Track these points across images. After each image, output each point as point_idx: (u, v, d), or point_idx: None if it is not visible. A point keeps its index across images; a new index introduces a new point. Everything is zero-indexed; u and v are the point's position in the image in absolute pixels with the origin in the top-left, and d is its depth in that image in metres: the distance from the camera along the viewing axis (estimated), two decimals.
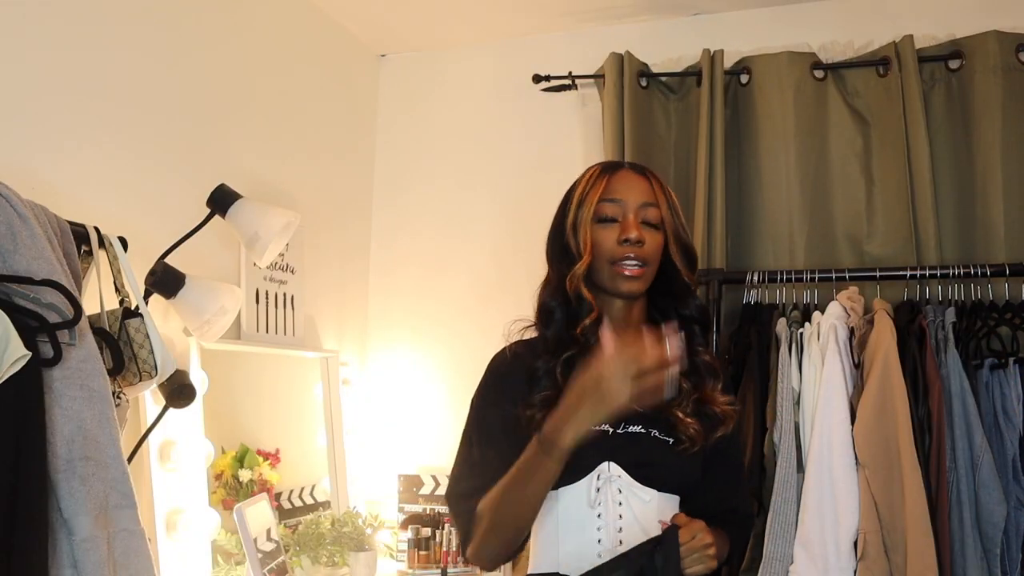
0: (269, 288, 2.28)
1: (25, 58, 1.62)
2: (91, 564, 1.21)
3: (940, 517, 1.86)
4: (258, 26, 2.34)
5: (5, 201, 1.25)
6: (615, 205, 1.38)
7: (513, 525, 1.29)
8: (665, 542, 1.22)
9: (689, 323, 1.42)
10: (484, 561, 1.35)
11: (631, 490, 1.32)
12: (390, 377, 2.81)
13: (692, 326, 1.42)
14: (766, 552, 1.94)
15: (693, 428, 1.34)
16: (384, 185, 2.91)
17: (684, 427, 1.33)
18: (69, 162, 1.71)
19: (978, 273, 2.04)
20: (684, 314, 1.42)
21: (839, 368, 1.94)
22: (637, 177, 1.42)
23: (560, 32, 2.74)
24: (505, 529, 1.29)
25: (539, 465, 1.22)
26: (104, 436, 1.28)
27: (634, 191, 1.39)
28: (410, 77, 2.92)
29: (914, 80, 2.24)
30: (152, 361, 1.50)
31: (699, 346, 1.42)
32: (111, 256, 1.53)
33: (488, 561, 1.34)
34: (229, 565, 1.94)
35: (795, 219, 2.36)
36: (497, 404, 1.38)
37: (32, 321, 1.19)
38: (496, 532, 1.29)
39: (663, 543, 1.22)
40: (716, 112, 2.38)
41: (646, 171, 1.45)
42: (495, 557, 1.34)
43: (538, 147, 2.72)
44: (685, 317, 1.42)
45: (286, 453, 2.28)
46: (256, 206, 1.93)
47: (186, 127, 2.04)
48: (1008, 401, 1.91)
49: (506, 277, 2.65)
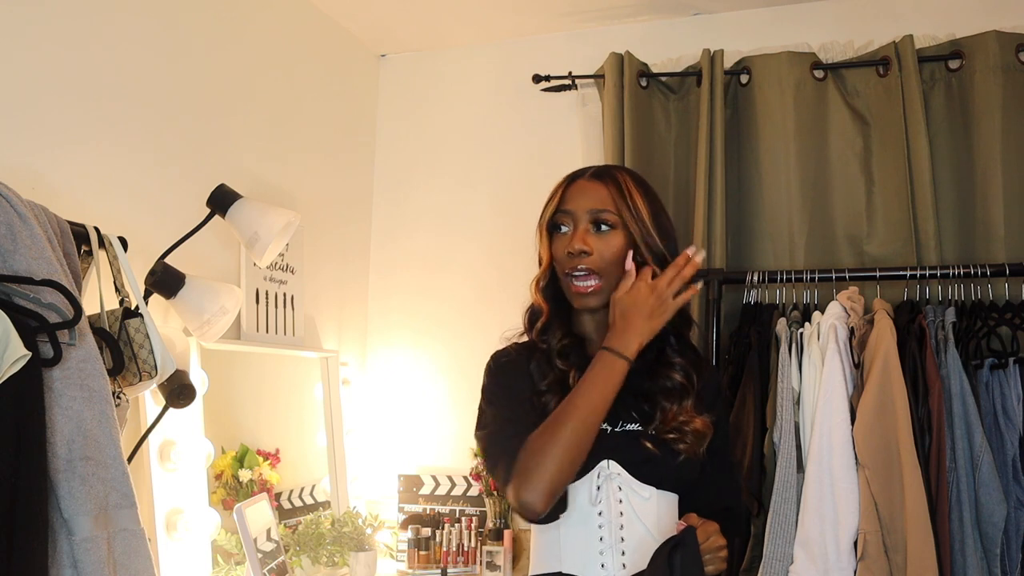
0: (269, 288, 2.28)
1: (25, 58, 1.62)
2: (91, 564, 1.21)
3: (940, 517, 1.86)
4: (258, 26, 2.34)
5: (5, 201, 1.25)
6: (566, 215, 1.39)
7: (576, 443, 1.25)
8: (685, 543, 1.23)
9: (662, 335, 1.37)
10: (537, 493, 1.22)
11: (631, 487, 1.33)
12: (390, 377, 2.81)
13: (665, 335, 1.38)
14: (766, 552, 1.94)
15: (683, 442, 1.34)
16: (384, 185, 2.91)
17: (674, 439, 1.34)
18: (69, 162, 1.71)
19: (978, 273, 2.03)
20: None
21: (839, 368, 1.94)
22: (594, 184, 1.39)
23: (560, 32, 2.74)
24: (568, 449, 1.24)
25: (607, 370, 1.29)
26: (104, 436, 1.28)
27: (584, 199, 1.38)
28: (410, 77, 2.92)
29: (914, 80, 2.24)
30: (152, 361, 1.50)
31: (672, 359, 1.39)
32: (111, 256, 1.53)
33: (540, 493, 1.23)
34: (229, 565, 1.94)
35: (795, 219, 2.36)
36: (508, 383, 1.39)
37: (32, 321, 1.19)
38: (555, 455, 1.23)
39: (683, 544, 1.23)
40: (716, 112, 2.38)
41: (607, 176, 1.40)
42: (548, 488, 1.23)
43: (538, 147, 2.72)
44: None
45: (286, 453, 2.28)
46: (256, 206, 1.93)
47: (186, 127, 2.04)
48: (1008, 401, 1.91)
49: (506, 277, 2.65)
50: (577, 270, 1.36)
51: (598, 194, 1.38)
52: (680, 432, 1.34)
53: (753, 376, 2.09)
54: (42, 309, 1.21)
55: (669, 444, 1.34)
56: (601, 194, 1.38)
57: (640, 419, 1.36)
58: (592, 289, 1.36)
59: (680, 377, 1.38)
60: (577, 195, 1.39)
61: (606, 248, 1.36)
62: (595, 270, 1.36)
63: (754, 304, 2.22)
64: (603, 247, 1.36)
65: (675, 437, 1.34)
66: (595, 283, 1.36)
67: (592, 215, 1.37)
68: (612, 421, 1.34)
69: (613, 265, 1.36)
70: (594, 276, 1.36)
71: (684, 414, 1.35)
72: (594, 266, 1.35)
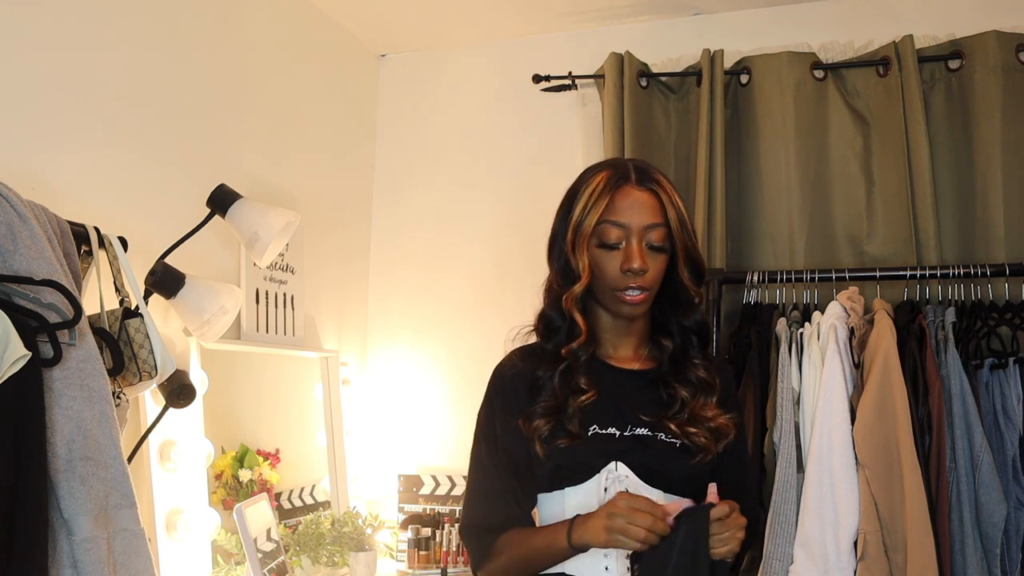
0: (269, 288, 2.28)
1: (25, 58, 1.62)
2: (91, 564, 1.21)
3: (940, 517, 1.86)
4: (258, 26, 2.34)
5: (5, 201, 1.25)
6: (619, 230, 1.33)
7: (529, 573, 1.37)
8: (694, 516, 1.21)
9: (687, 334, 1.42)
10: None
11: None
12: (390, 377, 2.81)
13: (690, 336, 1.42)
14: (766, 552, 1.94)
15: (703, 437, 1.34)
16: (384, 185, 2.91)
17: (692, 436, 1.34)
18: (69, 162, 1.71)
19: (978, 273, 2.04)
20: (684, 325, 1.42)
21: (839, 368, 1.94)
22: (643, 193, 1.35)
23: (560, 32, 2.74)
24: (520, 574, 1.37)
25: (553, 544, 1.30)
26: (104, 436, 1.28)
27: (639, 212, 1.33)
28: (410, 77, 2.92)
29: (914, 80, 2.24)
30: (152, 361, 1.50)
31: (695, 359, 1.41)
32: (111, 256, 1.53)
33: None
34: (229, 565, 1.94)
35: (795, 219, 2.36)
36: (506, 412, 1.39)
37: (32, 321, 1.19)
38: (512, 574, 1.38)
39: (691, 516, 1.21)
40: (716, 112, 2.38)
41: (653, 181, 1.37)
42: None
43: (538, 147, 2.72)
44: (685, 328, 1.42)
45: (286, 453, 2.28)
46: (256, 206, 1.93)
47: (186, 127, 2.04)
48: (1008, 401, 1.91)
49: (506, 277, 2.66)
50: (631, 289, 1.34)
51: (649, 207, 1.35)
52: (702, 428, 1.34)
53: (753, 376, 2.09)
54: (42, 309, 1.21)
55: (684, 445, 1.34)
56: (652, 206, 1.35)
57: (651, 424, 1.35)
58: (641, 299, 1.35)
59: (704, 374, 1.39)
60: (629, 208, 1.34)
61: (656, 268, 1.36)
62: (648, 288, 1.35)
63: (754, 304, 2.22)
64: (656, 266, 1.36)
65: (695, 432, 1.34)
66: (646, 294, 1.36)
67: (647, 232, 1.34)
68: (620, 426, 1.34)
69: (658, 284, 1.37)
70: (645, 292, 1.35)
71: (709, 410, 1.37)
72: (647, 284, 1.35)
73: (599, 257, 1.35)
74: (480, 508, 1.40)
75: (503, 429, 1.38)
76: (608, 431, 1.34)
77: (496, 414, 1.41)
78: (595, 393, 1.35)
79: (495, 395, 1.43)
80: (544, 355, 1.40)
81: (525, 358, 1.42)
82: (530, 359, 1.42)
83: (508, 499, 1.37)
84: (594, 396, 1.35)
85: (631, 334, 1.43)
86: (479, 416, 1.44)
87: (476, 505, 1.41)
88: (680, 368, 1.40)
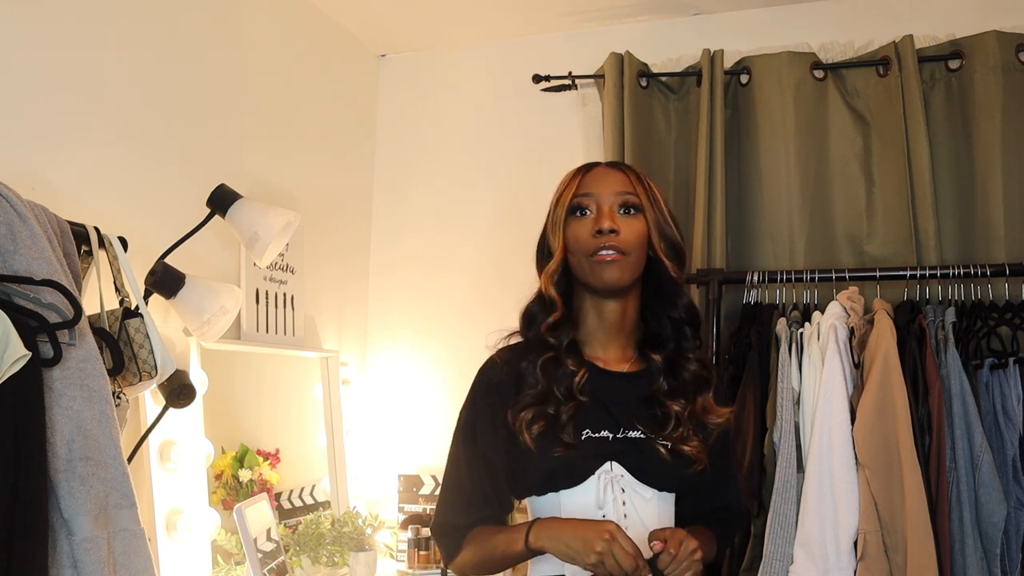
0: (269, 288, 2.28)
1: (25, 58, 1.62)
2: (91, 564, 1.21)
3: (940, 517, 1.86)
4: (258, 26, 2.34)
5: (5, 201, 1.25)
6: (588, 198, 1.38)
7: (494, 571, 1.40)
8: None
9: (679, 327, 1.41)
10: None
11: (633, 488, 1.33)
12: (390, 377, 2.81)
13: (682, 328, 1.41)
14: (766, 552, 1.94)
15: (698, 450, 1.34)
16: (384, 185, 2.91)
17: (686, 451, 1.34)
18: (69, 162, 1.71)
19: (978, 273, 2.03)
20: (673, 317, 1.41)
21: (839, 368, 1.94)
22: (611, 171, 1.41)
23: (560, 32, 2.74)
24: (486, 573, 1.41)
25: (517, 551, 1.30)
26: (104, 436, 1.27)
27: (608, 182, 1.38)
28: (410, 77, 2.92)
29: (914, 80, 2.24)
30: (152, 361, 1.50)
31: (689, 352, 1.41)
32: (111, 256, 1.53)
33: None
34: (229, 565, 1.94)
35: (795, 219, 2.36)
36: (489, 411, 1.39)
37: (32, 321, 1.18)
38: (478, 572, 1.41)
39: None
40: (716, 112, 2.38)
41: (622, 166, 1.45)
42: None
43: (538, 147, 2.72)
44: (675, 320, 1.41)
45: (286, 453, 2.28)
46: (256, 206, 1.93)
47: (186, 127, 2.04)
48: (1008, 401, 1.91)
49: (506, 277, 2.65)
50: (604, 249, 1.33)
51: (619, 178, 1.39)
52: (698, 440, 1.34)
53: (753, 376, 2.09)
54: (42, 309, 1.21)
55: (678, 455, 1.33)
56: (621, 179, 1.39)
57: (645, 425, 1.35)
58: (616, 259, 1.33)
59: (698, 367, 1.40)
60: (598, 180, 1.39)
61: (632, 231, 1.35)
62: (623, 250, 1.34)
63: (754, 304, 2.22)
64: (629, 229, 1.35)
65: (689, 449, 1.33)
66: (623, 256, 1.34)
67: (619, 196, 1.37)
68: (613, 428, 1.34)
69: (638, 249, 1.36)
70: (621, 255, 1.34)
71: (709, 411, 1.38)
72: (622, 246, 1.33)
73: (572, 228, 1.37)
74: (452, 508, 1.41)
75: (483, 434, 1.38)
76: (601, 434, 1.34)
77: (477, 416, 1.40)
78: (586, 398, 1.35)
79: (478, 397, 1.42)
80: (527, 348, 1.40)
81: (510, 355, 1.42)
82: (515, 356, 1.42)
83: (479, 502, 1.38)
84: (585, 401, 1.34)
85: (619, 332, 1.42)
86: (460, 415, 1.44)
87: (447, 505, 1.42)
88: (673, 367, 1.40)
